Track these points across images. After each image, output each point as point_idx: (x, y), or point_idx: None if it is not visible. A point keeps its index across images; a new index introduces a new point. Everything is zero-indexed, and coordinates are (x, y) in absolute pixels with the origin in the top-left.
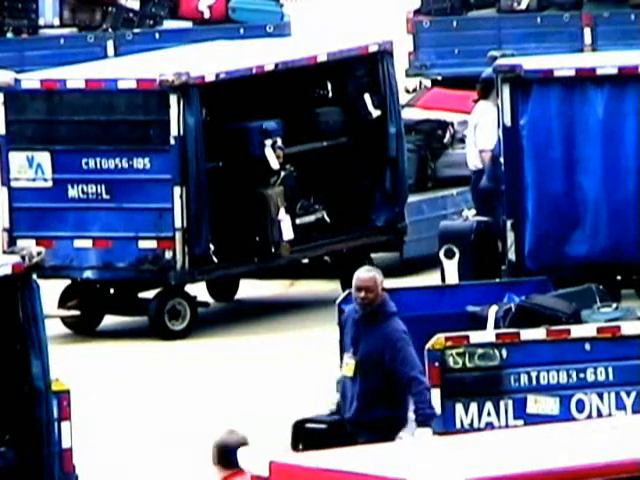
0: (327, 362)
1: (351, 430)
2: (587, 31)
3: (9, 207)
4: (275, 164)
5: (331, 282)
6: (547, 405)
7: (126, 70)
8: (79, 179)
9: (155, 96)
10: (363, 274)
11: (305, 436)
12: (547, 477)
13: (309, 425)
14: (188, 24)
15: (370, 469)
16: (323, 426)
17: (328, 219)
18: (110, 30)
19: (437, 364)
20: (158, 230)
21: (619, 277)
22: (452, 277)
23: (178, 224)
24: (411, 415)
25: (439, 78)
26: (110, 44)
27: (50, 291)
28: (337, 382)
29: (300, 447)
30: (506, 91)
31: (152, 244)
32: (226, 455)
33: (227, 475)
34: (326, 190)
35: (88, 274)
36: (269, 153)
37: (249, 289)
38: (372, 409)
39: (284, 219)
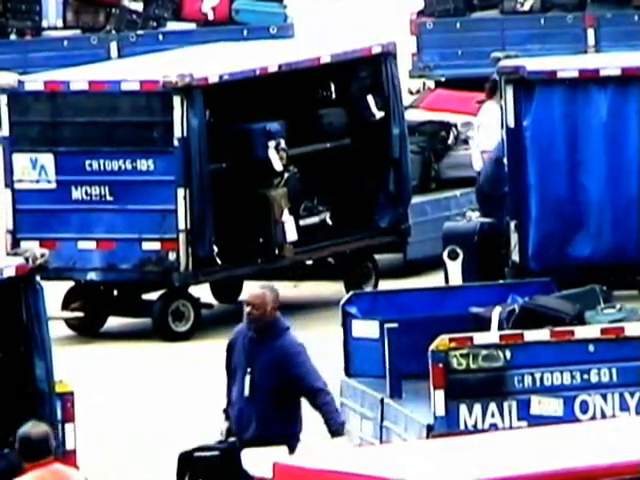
0: (330, 363)
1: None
2: (590, 32)
3: (13, 209)
4: (278, 165)
5: (335, 283)
6: (551, 406)
7: (129, 72)
8: (83, 181)
9: (158, 98)
10: (254, 290)
11: (193, 466)
12: (550, 478)
13: (198, 454)
14: (191, 26)
15: (373, 471)
16: (215, 453)
17: (331, 221)
18: (113, 32)
19: (441, 365)
20: (162, 232)
21: (623, 278)
22: (456, 278)
23: (182, 226)
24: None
25: (442, 79)
26: (113, 46)
27: (54, 293)
28: (223, 410)
29: (186, 479)
30: (509, 92)
31: (156, 246)
32: (29, 447)
33: (30, 466)
34: (330, 191)
35: (92, 276)
36: (272, 154)
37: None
38: (269, 428)
39: (288, 220)
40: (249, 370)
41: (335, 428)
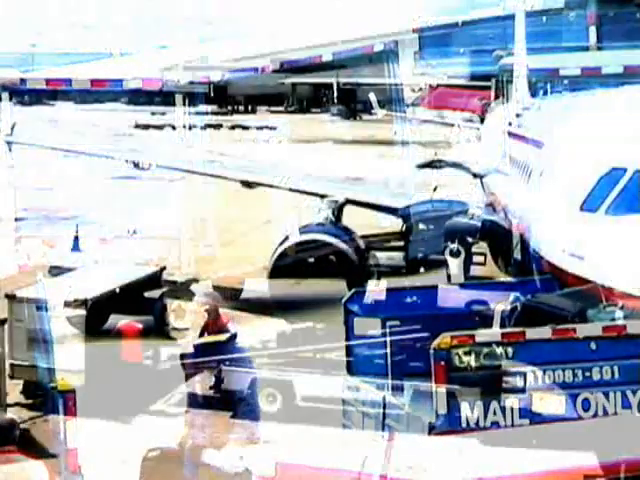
0: (332, 361)
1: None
2: (592, 30)
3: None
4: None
5: (337, 281)
6: (553, 404)
7: (131, 70)
8: None
9: (161, 95)
10: (197, 297)
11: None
12: (553, 476)
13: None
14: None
15: (376, 469)
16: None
17: (334, 219)
18: None
19: (443, 363)
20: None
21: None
22: (457, 276)
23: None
24: None
25: (444, 77)
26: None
27: (56, 291)
28: (185, 411)
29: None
30: (511, 90)
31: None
32: None
33: None
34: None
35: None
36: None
37: (255, 288)
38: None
39: (290, 219)
40: (202, 374)
41: (242, 440)
